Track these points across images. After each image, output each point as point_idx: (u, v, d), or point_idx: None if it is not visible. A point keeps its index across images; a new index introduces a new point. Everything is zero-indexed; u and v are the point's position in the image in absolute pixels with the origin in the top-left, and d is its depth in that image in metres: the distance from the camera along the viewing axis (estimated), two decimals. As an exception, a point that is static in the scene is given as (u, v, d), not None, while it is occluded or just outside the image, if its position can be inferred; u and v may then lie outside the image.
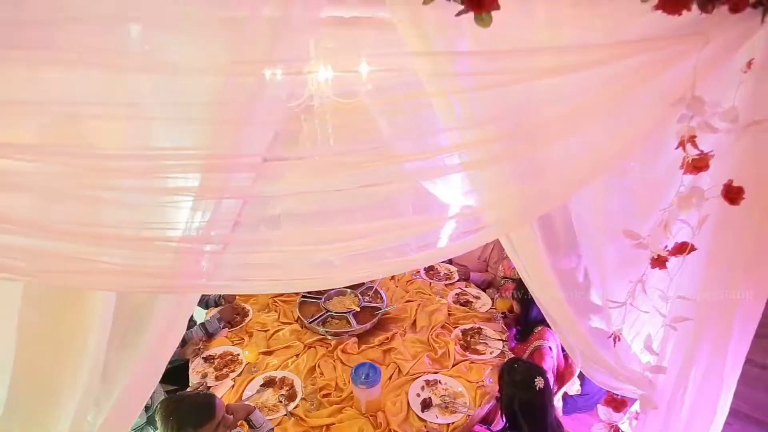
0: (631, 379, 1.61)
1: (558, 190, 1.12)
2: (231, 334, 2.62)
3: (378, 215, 0.94)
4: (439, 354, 2.37)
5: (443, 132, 0.92)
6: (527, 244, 1.28)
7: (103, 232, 0.81)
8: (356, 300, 2.80)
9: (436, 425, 1.94)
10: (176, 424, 1.50)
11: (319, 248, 0.90)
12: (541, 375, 1.69)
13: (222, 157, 0.79)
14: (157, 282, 0.85)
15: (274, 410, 2.05)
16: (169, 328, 1.07)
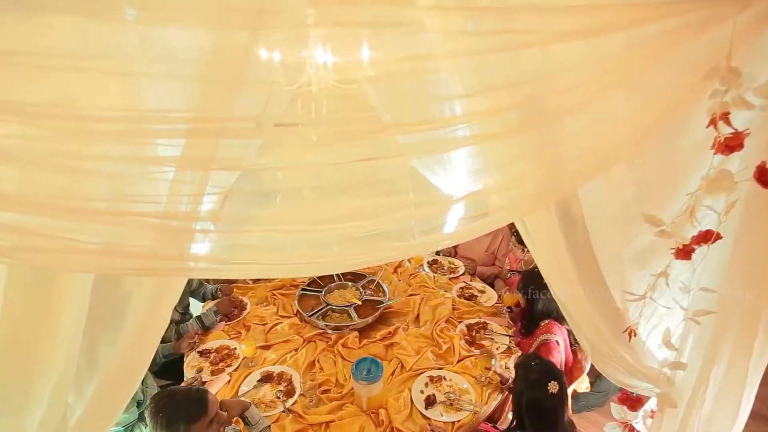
0: (649, 376, 1.51)
1: (577, 169, 1.03)
2: (228, 328, 2.54)
3: (378, 192, 0.85)
4: (444, 349, 2.28)
5: (450, 100, 0.82)
6: (543, 229, 1.19)
7: (80, 206, 0.72)
8: (357, 293, 2.71)
9: (441, 423, 1.85)
10: (166, 420, 1.42)
11: (315, 228, 0.82)
12: (558, 379, 1.59)
13: (212, 120, 0.70)
14: (139, 263, 0.76)
15: (271, 406, 1.96)
16: (152, 315, 0.98)
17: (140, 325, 0.97)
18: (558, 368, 1.79)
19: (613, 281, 1.39)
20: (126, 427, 1.88)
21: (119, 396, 1.12)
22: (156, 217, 0.74)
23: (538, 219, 1.19)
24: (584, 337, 1.53)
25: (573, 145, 1.00)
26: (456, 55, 0.81)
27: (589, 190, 1.32)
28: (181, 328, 2.51)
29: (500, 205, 1.00)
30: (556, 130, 0.96)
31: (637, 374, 1.52)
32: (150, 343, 1.10)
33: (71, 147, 0.68)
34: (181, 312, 2.73)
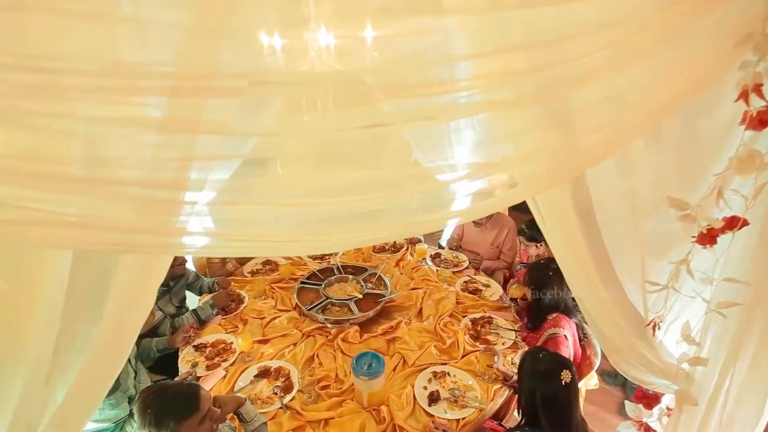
0: (667, 372, 1.43)
1: (595, 143, 0.94)
2: (225, 322, 2.46)
3: (382, 164, 0.77)
4: (448, 344, 2.20)
5: (460, 62, 0.74)
6: (557, 212, 1.10)
7: (53, 171, 0.64)
8: (358, 286, 2.63)
9: (445, 421, 1.77)
10: (155, 417, 1.33)
11: (314, 201, 0.74)
12: (569, 368, 1.51)
13: (199, 77, 0.62)
14: (119, 238, 0.68)
15: (268, 403, 1.88)
16: (134, 296, 0.90)
17: (122, 306, 0.88)
18: (566, 357, 1.70)
19: (632, 271, 1.30)
20: (117, 423, 1.81)
21: (101, 382, 1.04)
22: (138, 185, 0.65)
23: (552, 200, 1.10)
24: (599, 331, 1.45)
25: (592, 116, 0.91)
26: (469, 13, 0.73)
27: (598, 178, 1.24)
28: (177, 321, 2.43)
29: (511, 181, 0.91)
30: (574, 98, 0.87)
31: (654, 370, 1.44)
32: (133, 326, 1.02)
33: (39, 104, 0.59)
34: (177, 305, 2.65)
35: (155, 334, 2.37)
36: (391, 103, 0.72)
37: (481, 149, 0.83)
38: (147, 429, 1.34)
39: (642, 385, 1.54)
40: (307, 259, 3.11)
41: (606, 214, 1.29)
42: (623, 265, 1.29)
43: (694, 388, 1.45)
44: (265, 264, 3.05)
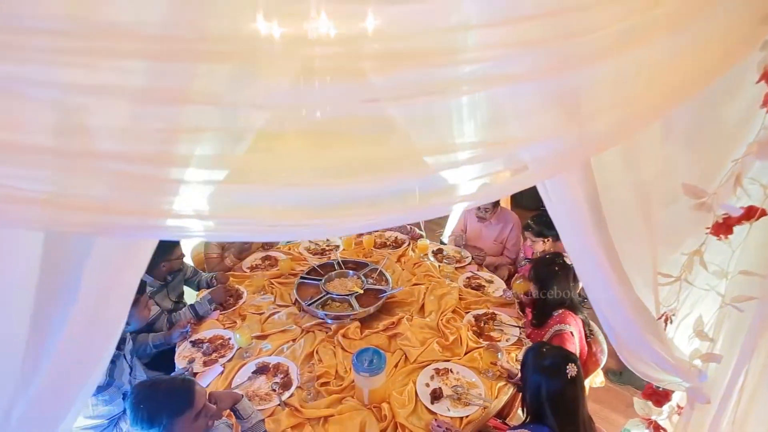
0: (679, 368, 1.38)
1: (609, 124, 0.88)
2: (222, 317, 2.41)
3: (381, 142, 0.71)
4: (450, 341, 2.15)
5: (467, 31, 0.68)
6: (568, 198, 1.05)
7: (20, 141, 0.59)
8: (359, 282, 2.58)
9: (448, 419, 1.72)
10: (148, 413, 1.29)
11: (311, 182, 0.68)
12: (574, 361, 1.46)
13: (186, 41, 0.56)
14: (94, 219, 0.62)
15: (266, 399, 1.84)
16: (112, 283, 0.85)
17: (99, 292, 0.83)
18: (571, 351, 1.65)
19: (642, 264, 1.25)
20: (111, 420, 1.76)
21: (80, 369, 0.98)
22: (117, 159, 0.60)
23: (563, 188, 1.04)
24: (610, 326, 1.39)
25: (606, 95, 0.85)
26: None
27: (605, 166, 1.18)
28: (174, 317, 2.39)
29: (520, 164, 0.86)
30: (588, 75, 0.82)
31: (666, 367, 1.38)
32: (113, 318, 0.96)
33: (7, 67, 0.54)
34: (175, 300, 2.60)
35: (152, 329, 2.32)
36: (389, 76, 0.67)
37: (487, 129, 0.77)
38: (139, 426, 1.29)
39: (652, 382, 1.49)
40: (306, 255, 3.06)
41: (614, 203, 1.24)
42: (632, 257, 1.24)
43: (707, 385, 1.40)
44: (265, 259, 3.00)
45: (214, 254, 3.01)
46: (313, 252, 3.11)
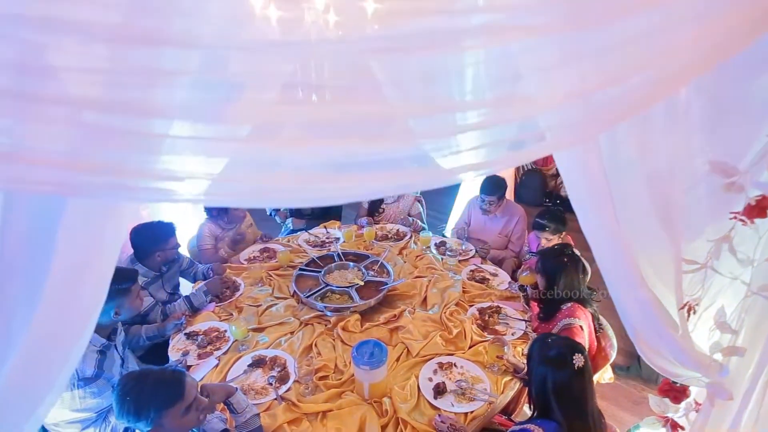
0: (699, 363, 1.29)
1: (638, 86, 0.79)
2: (219, 309, 2.33)
3: (390, 101, 0.63)
4: (454, 334, 2.07)
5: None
6: (587, 174, 0.96)
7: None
8: (360, 274, 2.50)
9: (452, 414, 1.64)
10: (135, 405, 1.21)
11: (311, 142, 0.60)
12: (581, 351, 1.38)
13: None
14: (55, 176, 0.54)
15: (262, 393, 1.76)
16: (89, 254, 0.76)
17: (74, 265, 0.75)
18: (577, 341, 1.57)
19: (665, 250, 1.16)
20: (99, 414, 1.68)
21: (54, 356, 0.90)
22: (86, 105, 0.52)
23: (580, 158, 0.95)
24: (627, 315, 1.31)
25: (634, 53, 0.77)
26: None
27: (618, 156, 1.10)
28: (168, 308, 2.31)
29: (537, 129, 0.77)
30: (615, 28, 0.73)
31: (684, 361, 1.30)
32: (91, 293, 0.87)
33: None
34: (170, 292, 2.53)
35: (145, 321, 2.25)
36: (396, 26, 0.59)
37: (500, 86, 0.69)
38: (125, 419, 1.21)
39: (669, 377, 1.41)
40: (306, 246, 2.98)
41: (629, 191, 1.16)
42: (653, 243, 1.15)
43: (728, 380, 1.32)
44: (263, 251, 2.92)
45: (207, 246, 2.93)
46: (312, 244, 3.03)
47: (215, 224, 2.96)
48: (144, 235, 2.29)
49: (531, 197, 5.73)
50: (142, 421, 1.21)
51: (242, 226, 3.11)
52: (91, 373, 1.63)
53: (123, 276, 1.81)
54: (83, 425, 1.66)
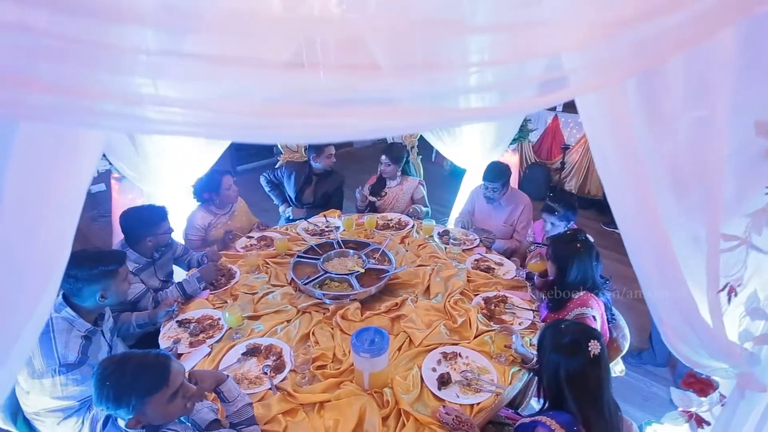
0: (730, 352, 1.19)
1: (674, 26, 0.69)
2: (213, 297, 2.24)
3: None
4: (459, 323, 1.97)
5: None
6: (618, 124, 0.85)
7: None
8: (360, 261, 2.40)
9: (458, 406, 1.54)
10: (114, 390, 1.11)
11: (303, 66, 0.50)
12: (597, 338, 1.29)
13: None
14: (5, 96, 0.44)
15: (256, 383, 1.66)
16: (46, 196, 0.65)
17: (28, 208, 0.64)
18: (591, 327, 1.47)
19: (698, 224, 1.06)
20: (83, 402, 1.59)
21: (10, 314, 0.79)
22: (32, 6, 0.42)
23: (606, 106, 0.84)
24: (652, 291, 1.20)
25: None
26: None
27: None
28: (160, 295, 2.21)
29: (558, 68, 0.67)
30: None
31: (714, 351, 1.20)
32: (48, 250, 0.76)
33: None
34: (163, 280, 2.43)
35: (136, 309, 2.15)
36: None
37: (516, 12, 0.59)
38: (104, 405, 1.11)
39: (695, 368, 1.31)
40: (305, 235, 2.88)
41: (662, 139, 1.03)
42: (684, 215, 1.04)
43: (759, 370, 1.22)
44: (260, 239, 2.82)
45: (194, 237, 2.82)
46: (311, 233, 2.93)
47: (206, 211, 2.85)
48: (134, 219, 2.19)
49: (534, 191, 5.61)
50: (123, 408, 1.11)
51: (236, 214, 3.00)
52: (74, 359, 1.53)
53: (109, 257, 1.71)
54: (65, 414, 1.56)
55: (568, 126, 5.74)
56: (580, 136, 5.61)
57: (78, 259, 1.63)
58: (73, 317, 1.61)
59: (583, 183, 5.60)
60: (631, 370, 2.77)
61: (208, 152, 3.43)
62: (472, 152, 3.79)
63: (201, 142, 3.35)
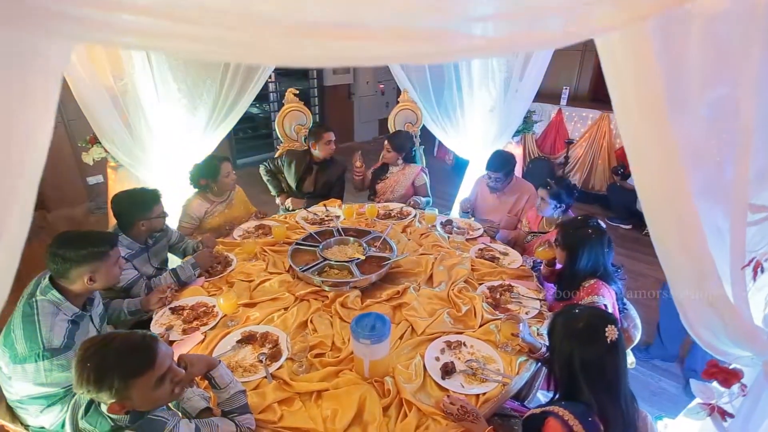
0: (756, 338, 1.11)
1: None
2: (208, 284, 2.16)
3: None
4: (463, 312, 1.89)
5: None
6: (639, 62, 0.77)
7: None
8: (360, 249, 2.32)
9: (463, 396, 1.46)
10: (95, 373, 1.03)
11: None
12: (614, 323, 1.21)
13: None
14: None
15: (250, 371, 1.58)
16: None
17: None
18: (607, 311, 1.39)
19: (726, 189, 0.97)
20: (67, 389, 1.51)
21: None
22: None
23: (634, 44, 0.76)
24: (672, 270, 1.11)
25: None
26: None
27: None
28: (153, 282, 2.14)
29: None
30: None
31: (738, 336, 1.12)
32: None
33: None
34: (157, 267, 2.35)
35: (128, 295, 2.08)
36: None
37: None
38: (84, 388, 1.03)
39: (717, 356, 1.23)
40: (304, 224, 2.80)
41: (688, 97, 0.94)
42: (710, 182, 0.96)
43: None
44: (258, 228, 2.74)
45: (187, 225, 2.74)
46: (310, 222, 2.85)
47: (203, 198, 2.76)
48: (126, 202, 2.11)
49: (537, 186, 5.55)
50: (105, 390, 1.03)
51: (234, 202, 2.93)
52: (59, 344, 1.46)
53: (99, 238, 1.63)
54: (48, 402, 1.49)
55: (572, 120, 5.66)
56: (585, 130, 5.53)
57: (67, 238, 1.56)
58: (60, 300, 1.53)
59: (587, 178, 5.51)
60: (638, 365, 2.70)
61: (207, 138, 3.37)
62: (474, 143, 3.71)
63: (200, 127, 3.28)
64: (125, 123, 2.84)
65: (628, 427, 1.23)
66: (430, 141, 6.42)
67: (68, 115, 4.71)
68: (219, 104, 3.29)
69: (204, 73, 3.18)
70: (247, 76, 3.31)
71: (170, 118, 3.15)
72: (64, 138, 4.83)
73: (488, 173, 2.81)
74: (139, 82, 2.86)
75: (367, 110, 7.93)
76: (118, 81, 2.78)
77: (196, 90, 3.18)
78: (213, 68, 3.18)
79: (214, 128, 3.37)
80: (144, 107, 2.92)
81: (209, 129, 3.34)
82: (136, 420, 1.10)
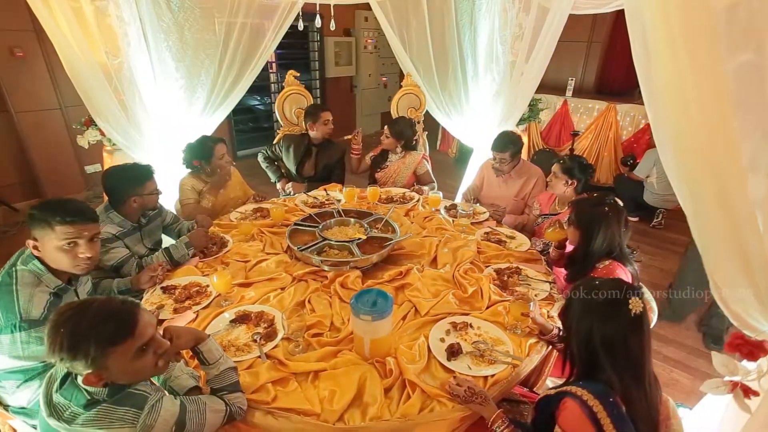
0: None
1: None
2: (202, 264, 2.07)
3: None
4: (470, 293, 1.79)
5: None
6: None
7: None
8: (361, 230, 2.22)
9: (470, 377, 1.37)
10: (70, 339, 0.94)
11: None
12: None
13: None
14: None
15: (244, 351, 1.49)
16: None
17: None
18: (629, 282, 1.29)
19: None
20: (46, 365, 1.41)
21: None
22: None
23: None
24: (699, 227, 1.01)
25: None
26: None
27: None
28: (145, 261, 2.04)
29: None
30: None
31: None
32: None
33: None
34: (150, 248, 2.26)
35: (118, 274, 1.99)
36: None
37: None
38: (57, 355, 0.94)
39: (743, 328, 1.13)
40: (304, 207, 2.71)
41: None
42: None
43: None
44: (256, 211, 2.65)
45: (190, 200, 2.66)
46: (311, 206, 2.75)
47: (197, 178, 2.68)
48: (117, 177, 2.02)
49: (547, 166, 5.45)
50: (80, 359, 0.94)
51: (230, 184, 2.84)
52: (38, 315, 1.36)
53: (80, 209, 1.51)
54: (25, 376, 1.40)
55: (577, 112, 5.55)
56: (591, 122, 5.42)
57: (47, 205, 1.46)
58: (42, 271, 1.44)
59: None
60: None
61: (204, 122, 3.28)
62: (479, 129, 3.61)
63: (197, 110, 3.19)
64: (120, 103, 2.74)
65: (650, 409, 1.13)
66: (433, 134, 6.32)
67: (65, 101, 4.62)
68: (218, 86, 3.20)
69: (202, 52, 3.09)
70: (246, 57, 3.23)
71: (168, 99, 3.07)
72: (62, 125, 4.72)
73: (494, 154, 2.71)
74: (134, 60, 2.77)
75: (369, 103, 7.83)
76: (112, 59, 2.69)
77: (194, 70, 3.09)
78: (212, 48, 3.10)
79: (212, 111, 3.28)
80: (140, 86, 2.84)
81: (207, 112, 3.26)
82: (114, 394, 1.01)
